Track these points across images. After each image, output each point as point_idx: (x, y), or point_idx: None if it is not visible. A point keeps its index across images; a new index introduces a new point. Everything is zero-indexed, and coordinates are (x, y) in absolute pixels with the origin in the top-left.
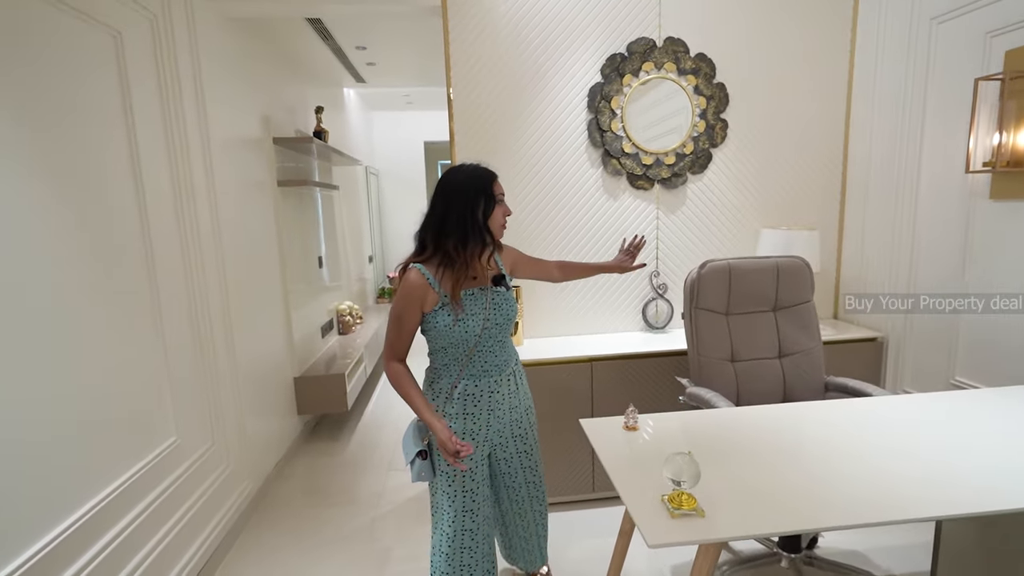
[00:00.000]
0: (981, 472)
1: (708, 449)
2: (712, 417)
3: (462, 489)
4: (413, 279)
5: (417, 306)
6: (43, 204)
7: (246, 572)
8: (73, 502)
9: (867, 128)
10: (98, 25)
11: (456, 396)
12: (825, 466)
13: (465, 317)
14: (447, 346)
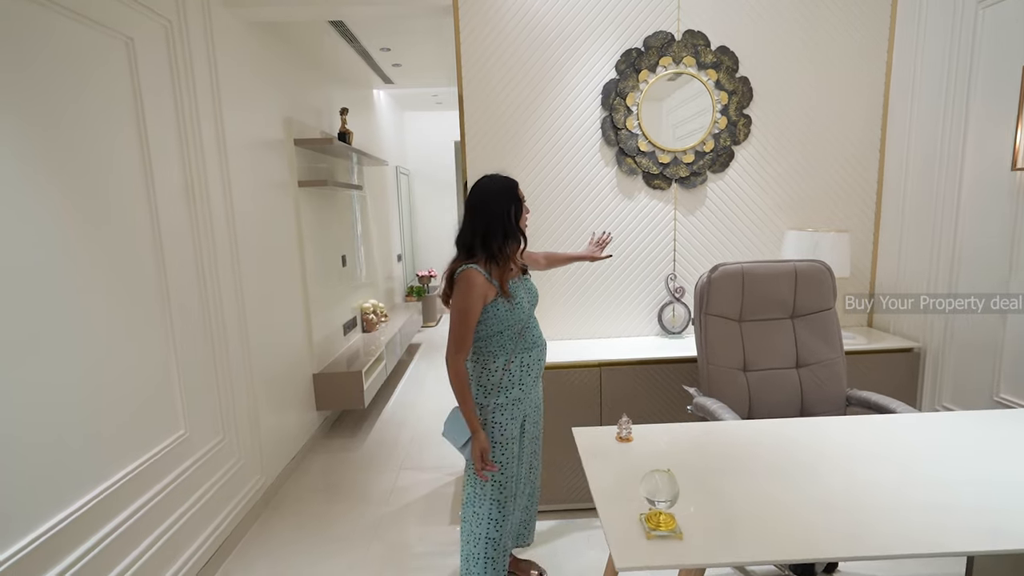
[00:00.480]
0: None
1: (703, 465)
2: (715, 430)
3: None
4: (476, 278)
5: (481, 301)
6: (53, 203)
7: (254, 565)
8: (79, 489)
9: (906, 123)
10: (109, 31)
11: (513, 370)
12: (830, 489)
13: (518, 302)
14: (503, 329)
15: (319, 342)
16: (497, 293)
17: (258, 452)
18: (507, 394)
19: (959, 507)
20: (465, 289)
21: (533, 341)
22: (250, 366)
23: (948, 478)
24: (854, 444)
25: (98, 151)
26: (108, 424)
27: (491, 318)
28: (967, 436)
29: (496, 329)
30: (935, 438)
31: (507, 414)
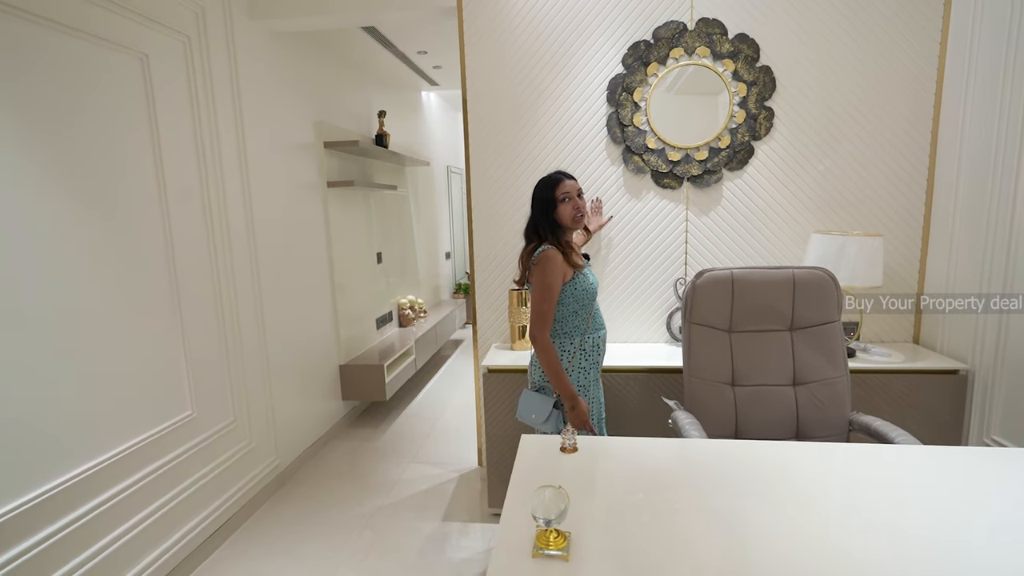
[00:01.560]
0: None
1: (633, 485)
2: (672, 448)
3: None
4: (556, 256)
5: (560, 278)
6: (66, 203)
7: (254, 540)
8: (76, 458)
9: (958, 115)
10: (124, 50)
11: (588, 348)
12: (761, 531)
13: (591, 279)
14: (578, 308)
15: (347, 335)
16: (572, 271)
17: (272, 436)
18: (586, 374)
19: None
20: (546, 266)
21: (600, 323)
22: (266, 356)
23: (910, 529)
24: (817, 478)
25: (112, 158)
26: (107, 400)
27: (568, 296)
28: (973, 480)
29: (572, 308)
30: (930, 481)
31: (588, 395)
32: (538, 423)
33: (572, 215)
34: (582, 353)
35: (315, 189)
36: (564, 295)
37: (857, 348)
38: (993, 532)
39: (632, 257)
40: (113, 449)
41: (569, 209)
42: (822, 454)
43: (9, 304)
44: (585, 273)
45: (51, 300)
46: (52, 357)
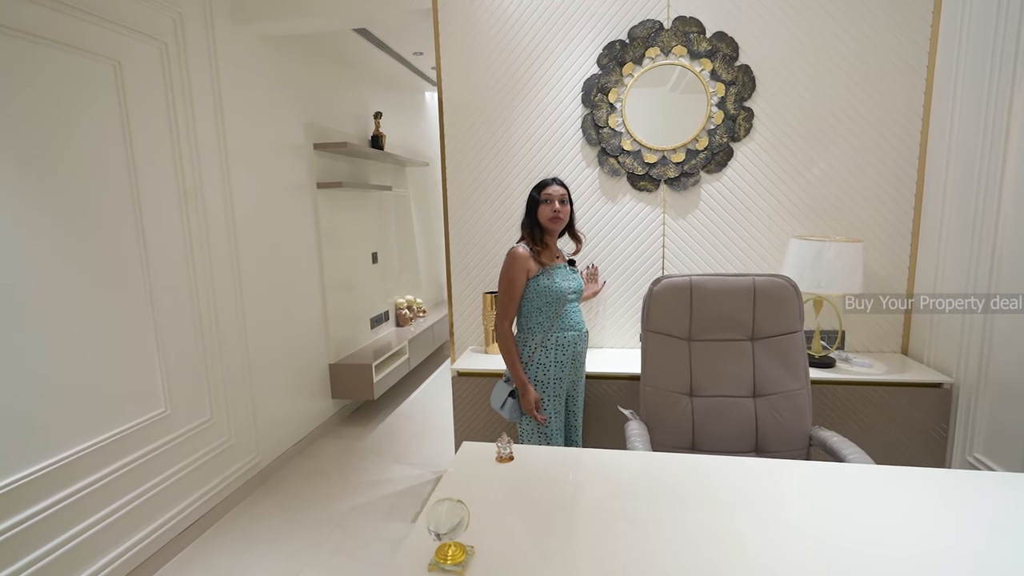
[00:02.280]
0: None
1: (568, 499)
2: (611, 460)
3: (550, 428)
4: (519, 252)
5: (524, 274)
6: (31, 202)
7: (227, 537)
8: (39, 452)
9: (947, 116)
10: (94, 56)
11: (550, 345)
12: (666, 547)
13: (556, 280)
14: (543, 305)
15: (337, 334)
16: (539, 269)
17: (253, 433)
18: (544, 371)
19: None
20: (510, 262)
21: (571, 324)
22: (247, 355)
23: (848, 548)
24: (748, 495)
25: (81, 159)
26: (74, 396)
27: (532, 293)
28: (925, 505)
29: (536, 305)
30: (872, 499)
31: (546, 389)
32: (497, 408)
33: (548, 216)
34: (543, 350)
35: (304, 190)
36: (528, 291)
37: (838, 358)
38: (939, 555)
39: (608, 261)
40: (80, 444)
41: (547, 211)
42: (742, 471)
43: None
44: (552, 274)
45: (18, 295)
46: (17, 350)
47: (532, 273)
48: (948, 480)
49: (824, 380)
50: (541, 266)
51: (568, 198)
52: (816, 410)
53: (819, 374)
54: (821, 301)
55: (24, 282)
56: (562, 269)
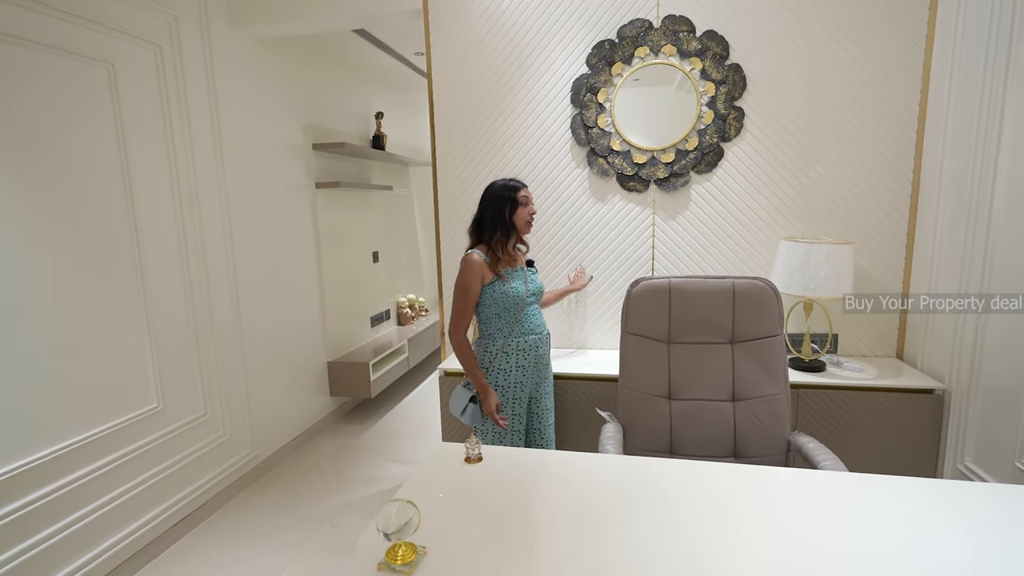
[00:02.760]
0: None
1: (531, 502)
2: (578, 463)
3: (512, 429)
4: (475, 259)
5: (479, 281)
6: (24, 202)
7: (220, 531)
8: (32, 444)
9: (942, 117)
10: (88, 60)
11: (511, 351)
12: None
13: (513, 285)
14: (500, 312)
15: (336, 331)
16: (494, 275)
17: (248, 429)
18: (505, 376)
19: None
20: (464, 268)
21: (531, 328)
22: (243, 353)
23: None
24: (708, 500)
25: (75, 160)
26: (68, 390)
27: (488, 298)
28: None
29: (494, 311)
30: (840, 506)
31: (507, 394)
32: (457, 414)
33: (526, 219)
34: (504, 355)
35: (303, 190)
36: (484, 297)
37: (829, 362)
38: (907, 567)
39: (598, 262)
40: (74, 437)
41: (526, 213)
42: (703, 473)
43: None
44: (510, 278)
45: (13, 292)
46: (12, 345)
47: (487, 279)
48: (923, 489)
49: (813, 384)
50: (496, 272)
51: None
52: (805, 415)
53: (809, 378)
54: (811, 304)
55: (19, 280)
56: (520, 272)
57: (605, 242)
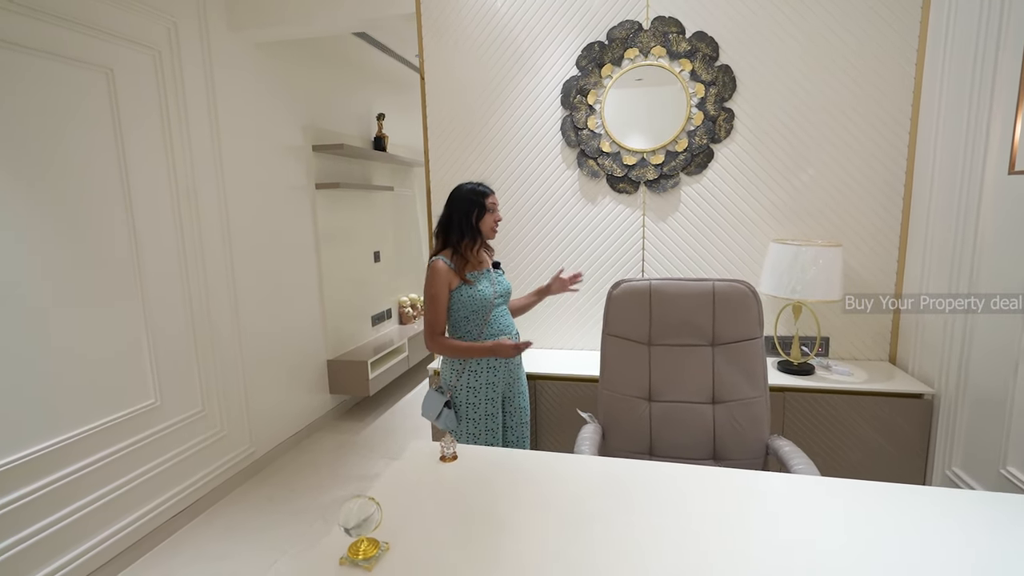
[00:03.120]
0: None
1: (501, 502)
2: (553, 463)
3: (485, 429)
4: (441, 267)
5: (446, 287)
6: (24, 202)
7: (214, 524)
8: (43, 432)
9: (933, 118)
10: (86, 66)
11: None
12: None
13: (480, 288)
14: (469, 314)
15: (336, 330)
16: (460, 280)
17: (246, 425)
18: (477, 377)
19: None
20: (431, 277)
21: (500, 328)
22: (241, 351)
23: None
24: (670, 501)
25: (74, 162)
26: (65, 386)
27: (456, 302)
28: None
29: (463, 314)
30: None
31: (479, 395)
32: (432, 419)
33: (491, 226)
34: (475, 358)
35: (302, 191)
36: (453, 302)
37: (819, 365)
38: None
39: (588, 264)
40: (72, 430)
41: (491, 220)
42: (686, 475)
43: None
44: (476, 281)
45: (13, 290)
46: (11, 341)
47: (454, 285)
48: (894, 493)
49: (801, 387)
50: (462, 277)
51: None
52: (792, 417)
53: (797, 381)
54: (800, 306)
55: (19, 278)
56: (488, 274)
57: (595, 244)
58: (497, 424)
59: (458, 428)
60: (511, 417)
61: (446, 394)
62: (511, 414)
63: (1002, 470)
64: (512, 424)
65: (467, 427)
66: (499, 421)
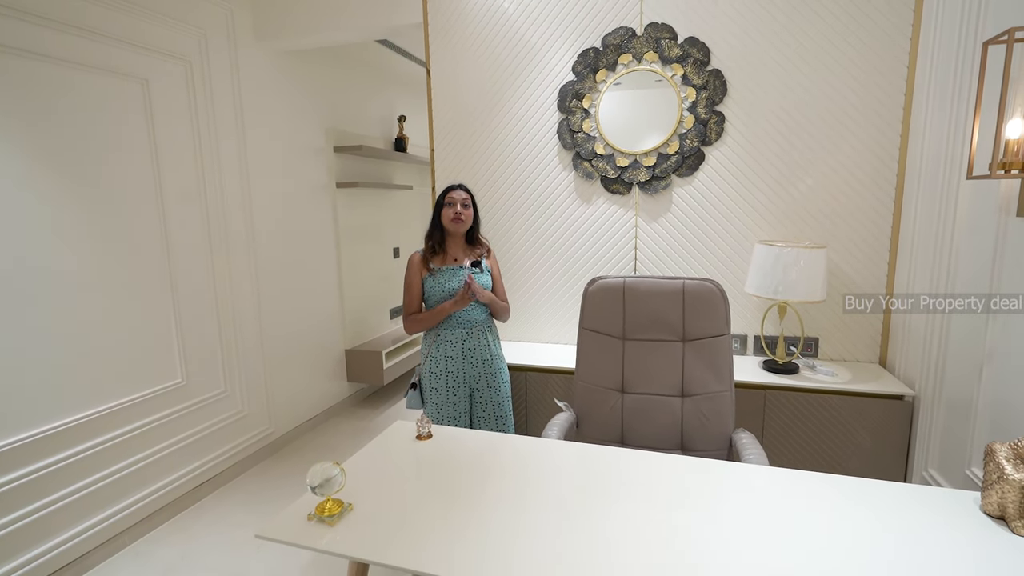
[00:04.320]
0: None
1: (465, 475)
2: (523, 446)
3: (448, 416)
4: (413, 258)
5: (418, 275)
6: (65, 196)
7: (232, 498)
8: (76, 405)
9: (922, 121)
10: (124, 77)
11: (439, 342)
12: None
13: (439, 281)
14: (432, 304)
15: (354, 322)
16: (427, 271)
17: (265, 407)
18: (436, 364)
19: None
20: (407, 267)
21: (458, 322)
22: (262, 339)
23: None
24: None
25: (113, 164)
26: (98, 363)
27: (426, 291)
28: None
29: (429, 304)
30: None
31: (440, 381)
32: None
33: (450, 217)
34: (434, 346)
35: (324, 189)
36: (425, 290)
37: (804, 365)
38: (810, 556)
39: (582, 262)
40: (104, 404)
41: (449, 212)
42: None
43: (23, 276)
44: (439, 275)
45: (55, 275)
46: (53, 321)
47: (423, 274)
48: (842, 486)
49: (782, 386)
50: (430, 269)
51: (472, 203)
52: (773, 414)
53: (779, 380)
54: (785, 306)
55: (72, 268)
56: (454, 270)
57: (589, 243)
58: (460, 412)
59: (423, 408)
60: (483, 408)
61: (415, 376)
62: (482, 405)
63: (967, 471)
64: (484, 415)
65: (430, 410)
66: (463, 410)
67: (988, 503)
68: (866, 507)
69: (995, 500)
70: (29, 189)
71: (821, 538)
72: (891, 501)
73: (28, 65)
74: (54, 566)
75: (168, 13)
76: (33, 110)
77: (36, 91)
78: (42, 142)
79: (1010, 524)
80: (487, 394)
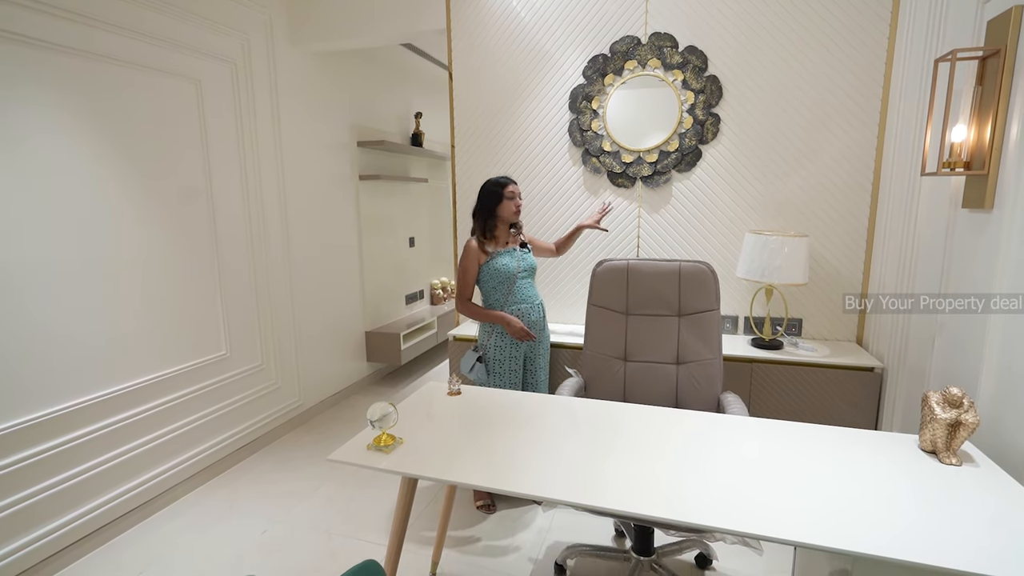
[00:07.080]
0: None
1: (492, 420)
2: (542, 401)
3: (508, 382)
4: (471, 245)
5: (476, 262)
6: (135, 193)
7: (264, 462)
8: (136, 372)
9: (896, 124)
10: (181, 77)
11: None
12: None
13: (503, 262)
14: (496, 285)
15: (374, 306)
16: (488, 256)
17: (296, 381)
18: (502, 338)
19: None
20: (464, 254)
21: (523, 298)
22: (294, 317)
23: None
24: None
25: (173, 160)
26: (157, 335)
27: (485, 274)
28: (780, 444)
29: (491, 284)
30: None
31: (505, 353)
32: (467, 372)
33: (512, 210)
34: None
35: (348, 181)
36: (483, 275)
37: (788, 342)
38: (792, 489)
39: (590, 250)
40: (163, 370)
41: (511, 206)
42: (651, 416)
43: (91, 254)
44: (502, 256)
45: (121, 257)
46: (118, 295)
47: (483, 260)
48: (809, 432)
49: (768, 360)
50: (488, 253)
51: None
52: (759, 384)
53: (765, 354)
54: (772, 289)
55: (136, 255)
56: (513, 252)
57: (597, 232)
58: (518, 378)
59: (487, 380)
60: (531, 375)
61: (479, 351)
62: (531, 372)
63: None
64: (532, 381)
65: (495, 379)
66: (520, 376)
67: (923, 440)
68: (828, 448)
69: (928, 437)
70: (103, 183)
71: (792, 472)
72: (848, 444)
73: (95, 67)
74: (123, 509)
75: (216, 19)
76: (101, 110)
77: (103, 92)
78: (113, 139)
79: (939, 456)
80: (537, 361)
